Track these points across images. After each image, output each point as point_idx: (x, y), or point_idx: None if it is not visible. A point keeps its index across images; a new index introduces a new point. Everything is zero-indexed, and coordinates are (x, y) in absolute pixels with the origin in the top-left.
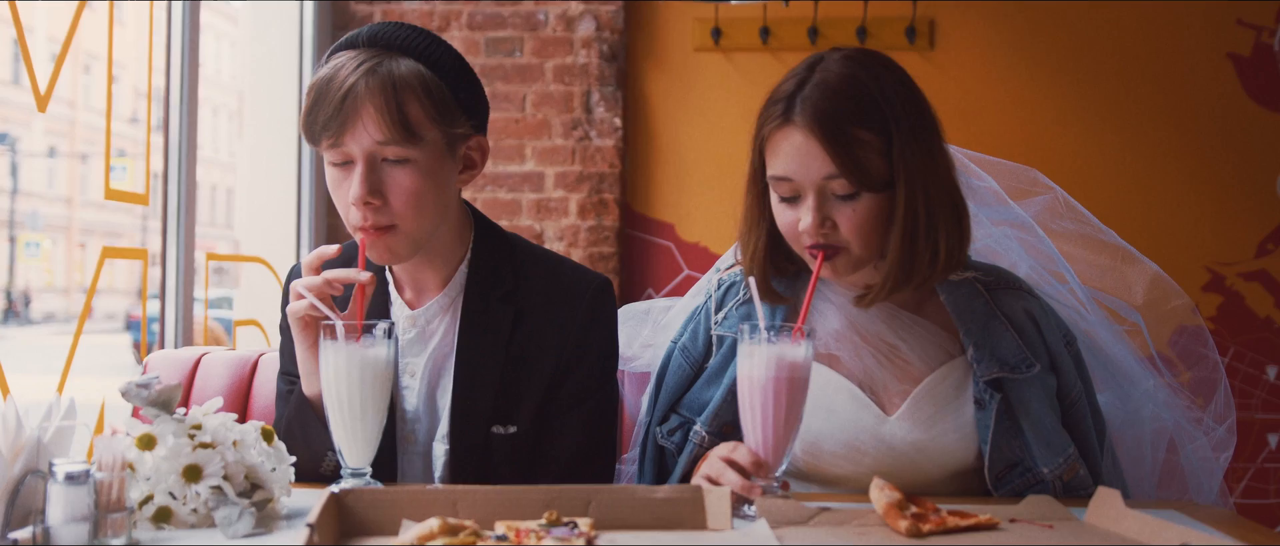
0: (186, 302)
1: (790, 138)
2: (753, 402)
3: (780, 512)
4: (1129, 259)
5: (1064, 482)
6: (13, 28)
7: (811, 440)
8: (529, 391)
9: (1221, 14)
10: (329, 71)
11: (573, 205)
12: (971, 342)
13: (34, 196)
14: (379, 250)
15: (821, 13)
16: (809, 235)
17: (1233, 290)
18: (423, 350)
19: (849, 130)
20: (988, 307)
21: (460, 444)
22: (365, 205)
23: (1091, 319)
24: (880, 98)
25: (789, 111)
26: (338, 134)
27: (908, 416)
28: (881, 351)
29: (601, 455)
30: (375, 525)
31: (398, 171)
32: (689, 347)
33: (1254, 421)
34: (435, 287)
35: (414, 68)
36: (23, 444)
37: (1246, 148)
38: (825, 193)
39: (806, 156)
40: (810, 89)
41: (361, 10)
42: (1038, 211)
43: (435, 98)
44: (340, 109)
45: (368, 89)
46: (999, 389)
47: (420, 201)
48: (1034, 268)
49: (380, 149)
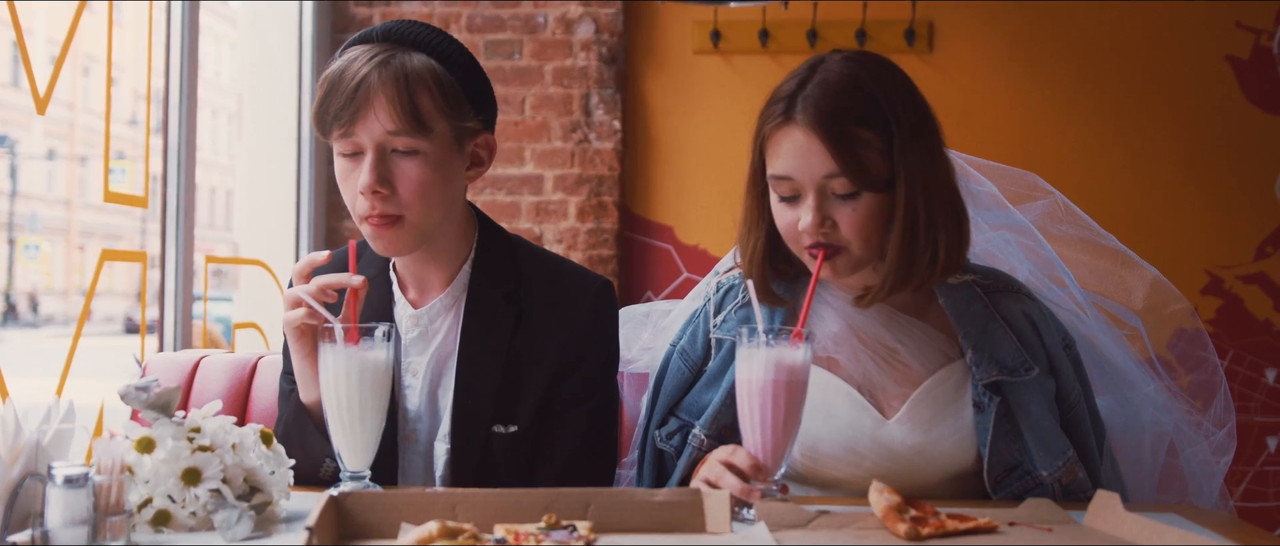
0: (186, 305)
1: (791, 136)
2: (751, 406)
3: (779, 516)
4: (1128, 263)
5: (1063, 485)
6: (12, 30)
7: (810, 443)
8: (530, 390)
9: (1220, 17)
10: (342, 63)
11: (572, 208)
12: (970, 346)
13: (33, 199)
14: (385, 240)
15: (820, 15)
16: (809, 234)
17: (1232, 293)
18: (425, 349)
19: (850, 129)
20: (986, 311)
21: (461, 442)
22: (374, 194)
23: (1091, 323)
24: (881, 98)
25: (790, 110)
26: (349, 124)
27: (906, 419)
28: (880, 354)
29: (601, 454)
30: (374, 528)
31: (407, 162)
32: (687, 351)
33: (1253, 424)
34: (439, 287)
35: (426, 62)
36: (21, 447)
37: (1245, 150)
38: (825, 192)
39: (807, 155)
40: (812, 88)
41: (361, 12)
42: (1037, 216)
43: (446, 91)
44: (352, 99)
45: (381, 80)
46: (997, 392)
47: (428, 193)
48: (1034, 272)
49: (390, 139)
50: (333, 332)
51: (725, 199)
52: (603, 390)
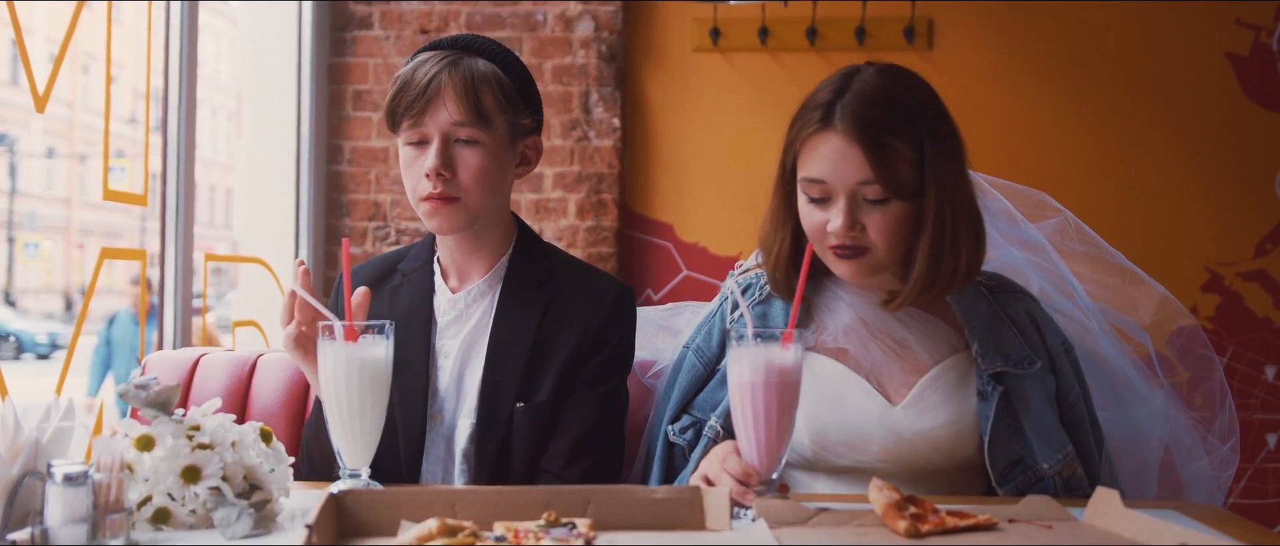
0: (185, 303)
1: (829, 141)
2: (743, 406)
3: (779, 513)
4: (1136, 280)
5: (1063, 479)
6: (11, 28)
7: (819, 429)
8: (552, 367)
9: (1220, 14)
10: (414, 65)
11: (571, 205)
12: (976, 339)
13: (32, 197)
14: (441, 216)
15: (820, 13)
16: (837, 236)
17: (1231, 290)
18: (458, 332)
19: (886, 139)
20: (992, 309)
21: (487, 416)
22: (438, 176)
23: (1099, 336)
24: (916, 111)
25: (829, 117)
26: (419, 114)
27: (912, 405)
28: (889, 345)
29: (610, 437)
30: (374, 526)
31: (468, 151)
32: (703, 348)
33: (1252, 421)
34: (479, 276)
35: (490, 66)
36: (21, 445)
37: (1245, 147)
38: (856, 197)
39: (843, 161)
40: (850, 97)
41: (360, 10)
42: (1049, 234)
43: (506, 92)
44: (424, 93)
45: (450, 78)
46: (1001, 382)
47: (484, 179)
48: (1045, 286)
49: (455, 129)
50: (332, 330)
51: (725, 196)
52: (617, 378)
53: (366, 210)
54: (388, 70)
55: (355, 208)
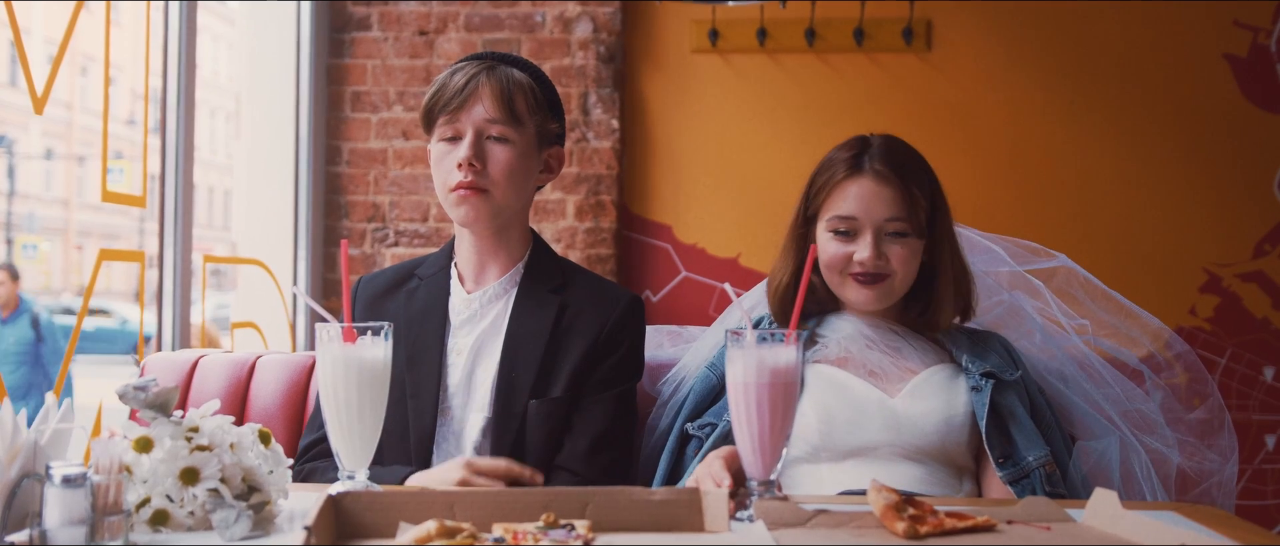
0: (184, 305)
1: (861, 183)
2: (741, 406)
3: (777, 514)
4: (1132, 316)
5: (1047, 473)
6: (9, 29)
7: (825, 412)
8: (566, 366)
9: (1218, 15)
10: (452, 70)
11: (570, 207)
12: (963, 354)
13: (31, 198)
14: (468, 205)
15: (819, 14)
16: (864, 264)
17: (1230, 291)
18: (472, 331)
19: (910, 183)
20: (970, 336)
21: (501, 412)
22: (469, 167)
23: (1097, 367)
24: (927, 169)
25: (858, 165)
26: (455, 112)
27: (909, 396)
28: (886, 351)
29: (624, 438)
30: (372, 527)
31: (498, 147)
32: (717, 363)
33: (1251, 422)
34: (495, 278)
35: (523, 74)
36: (19, 446)
37: (1243, 149)
38: (881, 231)
39: (875, 199)
40: (875, 150)
41: (359, 11)
42: (1047, 276)
43: (537, 98)
44: (461, 92)
45: (487, 80)
46: (991, 379)
47: (513, 175)
48: (1046, 330)
49: (488, 126)
50: (330, 331)
51: (723, 198)
52: (629, 382)
53: (365, 211)
54: (386, 71)
55: (354, 209)
